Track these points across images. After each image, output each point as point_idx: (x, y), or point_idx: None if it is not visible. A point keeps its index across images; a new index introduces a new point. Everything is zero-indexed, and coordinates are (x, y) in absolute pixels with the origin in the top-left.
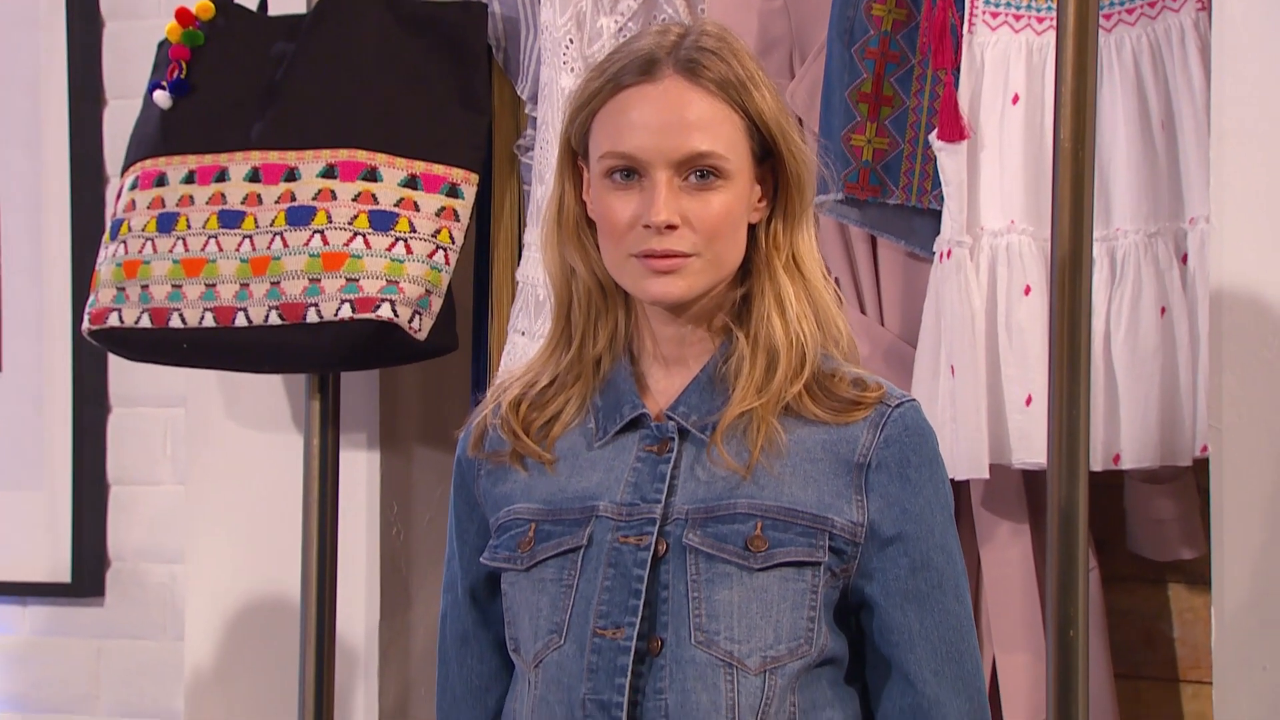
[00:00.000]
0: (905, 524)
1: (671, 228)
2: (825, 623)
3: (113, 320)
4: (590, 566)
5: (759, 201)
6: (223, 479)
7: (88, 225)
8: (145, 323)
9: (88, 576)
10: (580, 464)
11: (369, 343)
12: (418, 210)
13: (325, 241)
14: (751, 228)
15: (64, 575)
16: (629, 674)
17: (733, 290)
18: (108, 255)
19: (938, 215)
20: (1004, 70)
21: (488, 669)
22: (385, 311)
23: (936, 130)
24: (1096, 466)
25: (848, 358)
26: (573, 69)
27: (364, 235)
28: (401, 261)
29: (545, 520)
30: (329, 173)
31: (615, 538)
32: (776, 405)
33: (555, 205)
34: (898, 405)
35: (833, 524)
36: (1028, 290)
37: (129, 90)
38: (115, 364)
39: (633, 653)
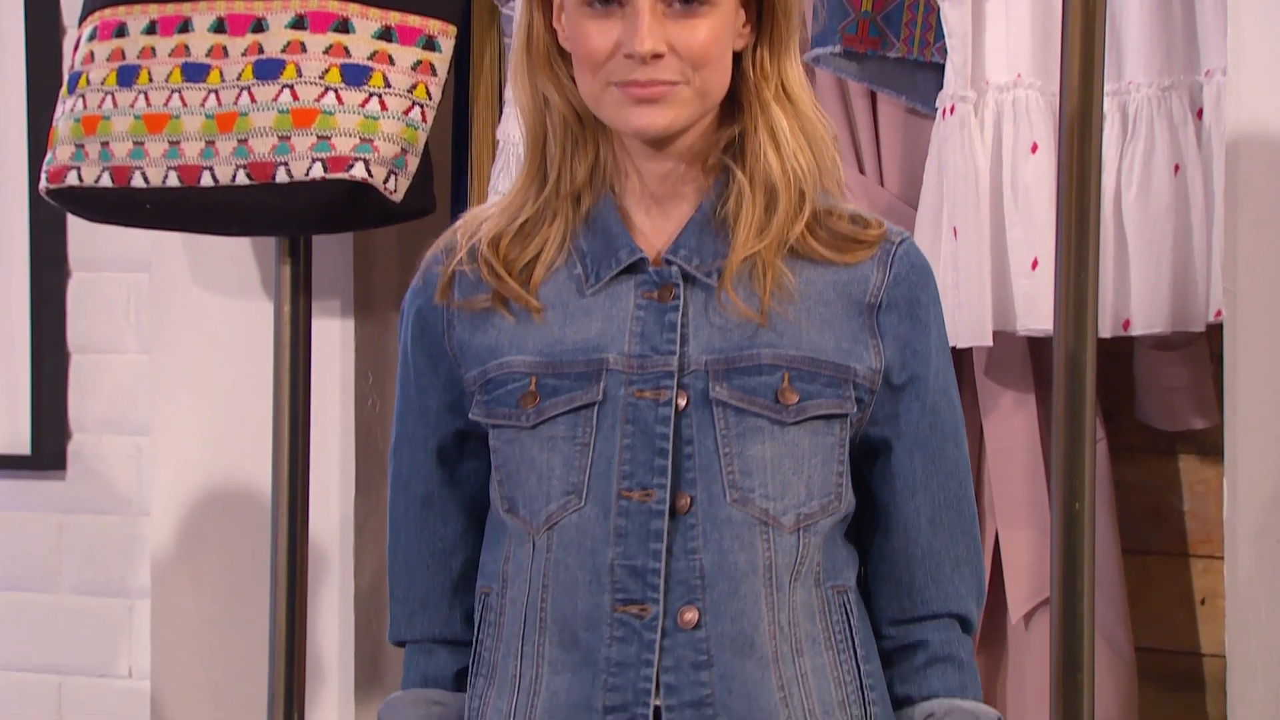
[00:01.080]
0: (916, 366)
1: (658, 57)
2: (848, 476)
3: (71, 179)
4: (606, 424)
5: (743, 27)
6: (189, 348)
7: (44, 78)
8: (106, 181)
9: (48, 449)
10: (572, 312)
11: (342, 204)
12: (392, 64)
13: (295, 97)
14: (737, 58)
15: (23, 447)
16: (664, 538)
17: (722, 129)
18: (65, 110)
19: (940, 69)
20: None
21: (452, 532)
22: (359, 171)
23: None
24: (1105, 333)
25: (840, 194)
26: None
27: (336, 90)
28: (376, 118)
29: (547, 374)
30: (298, 23)
31: (630, 392)
32: (781, 247)
33: (524, 34)
34: (900, 242)
35: (855, 373)
36: (1035, 148)
37: None
38: (75, 226)
39: (666, 516)
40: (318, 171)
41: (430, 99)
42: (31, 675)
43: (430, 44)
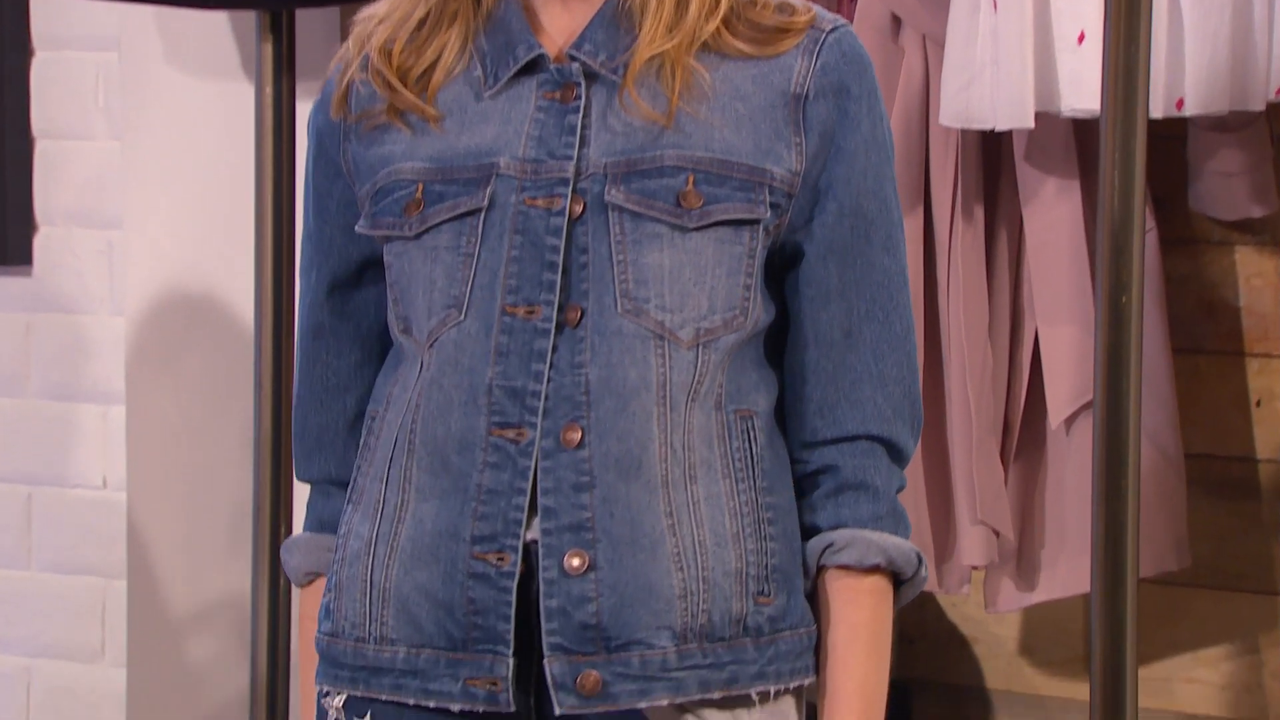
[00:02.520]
0: (838, 165)
1: None
2: (759, 290)
3: None
4: (493, 233)
5: None
6: (164, 134)
7: None
8: None
9: (13, 243)
10: (469, 117)
11: None
12: None
13: None
14: None
15: None
16: (548, 359)
17: None
18: None
19: None
20: None
21: (345, 366)
22: None
23: None
24: (1157, 113)
25: None
26: None
27: None
28: None
29: (435, 180)
30: None
31: (521, 199)
32: (691, 45)
33: None
34: (832, 30)
35: (771, 175)
36: None
37: None
38: (38, 0)
39: (552, 334)
40: None
41: None
42: None
43: None
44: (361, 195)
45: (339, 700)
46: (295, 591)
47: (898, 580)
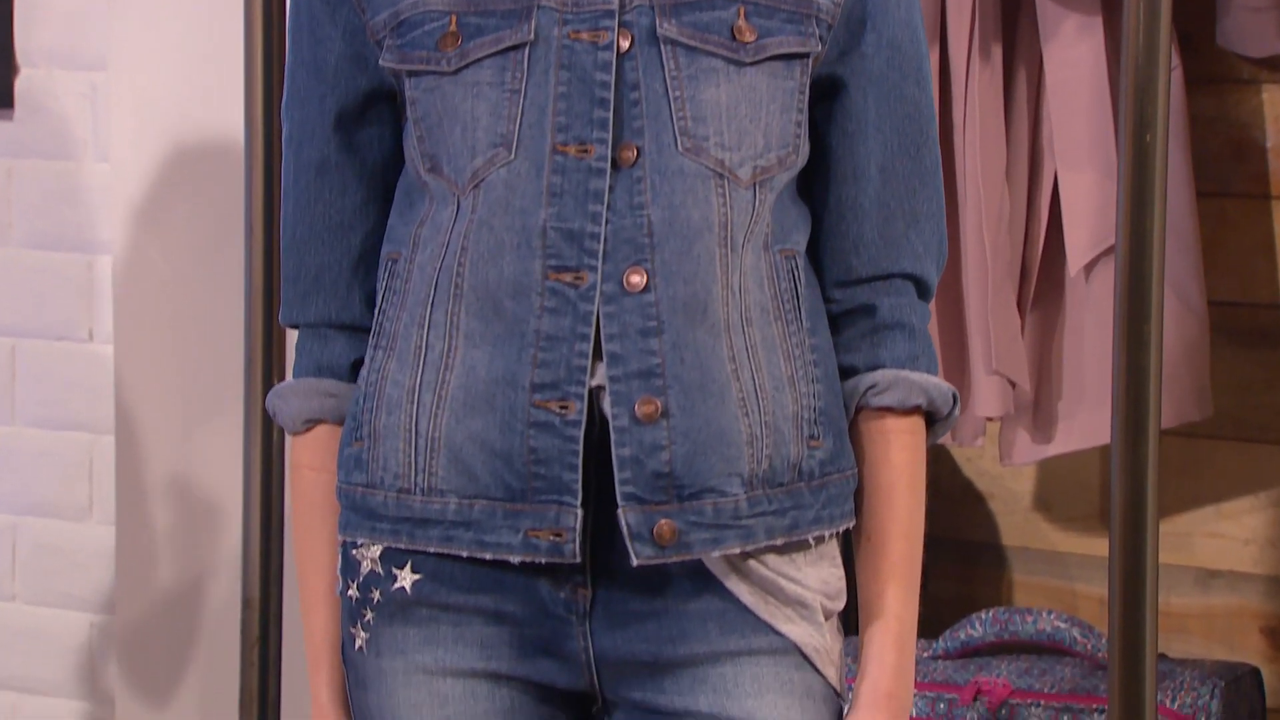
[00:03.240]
0: None
1: None
2: (806, 126)
3: None
4: (539, 68)
5: None
6: None
7: None
8: None
9: None
10: None
11: None
12: None
13: None
14: None
15: None
16: (605, 199)
17: None
18: None
19: None
20: None
21: (350, 204)
22: None
23: None
24: None
25: None
26: None
27: None
28: None
29: (469, 13)
30: None
31: (565, 33)
32: None
33: None
34: None
35: (818, 6)
36: None
37: None
38: None
39: (608, 174)
40: None
41: None
42: None
43: None
44: (376, 24)
45: (375, 551)
46: (288, 441)
47: (930, 418)
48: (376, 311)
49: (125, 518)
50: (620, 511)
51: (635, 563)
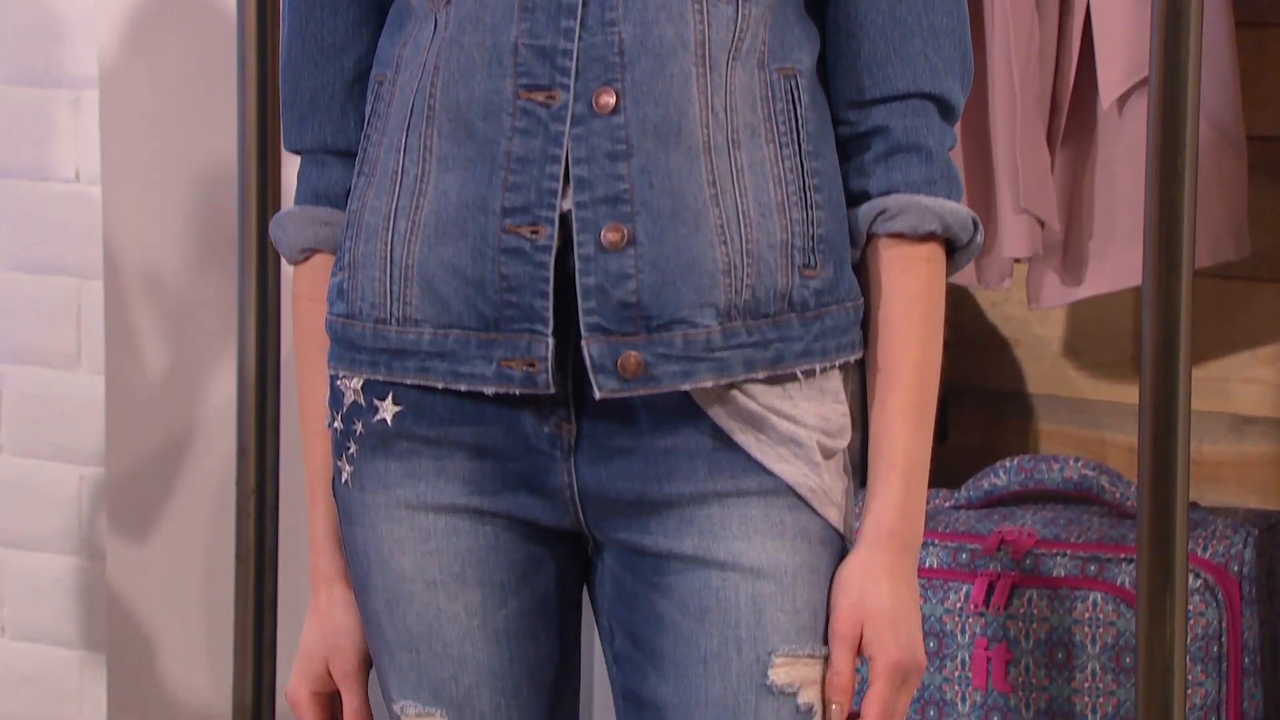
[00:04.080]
0: None
1: None
2: None
3: None
4: None
5: None
6: None
7: None
8: None
9: None
10: None
11: None
12: None
13: None
14: None
15: None
16: (578, 14)
17: None
18: None
19: None
20: None
21: (342, 24)
22: None
23: None
24: None
25: None
26: None
27: None
28: None
29: None
30: None
31: None
32: None
33: None
34: None
35: None
36: None
37: None
38: None
39: None
40: None
41: None
42: None
43: None
44: None
45: (357, 383)
46: (284, 281)
47: (951, 247)
48: (361, 137)
49: (115, 366)
50: (584, 342)
51: (598, 395)
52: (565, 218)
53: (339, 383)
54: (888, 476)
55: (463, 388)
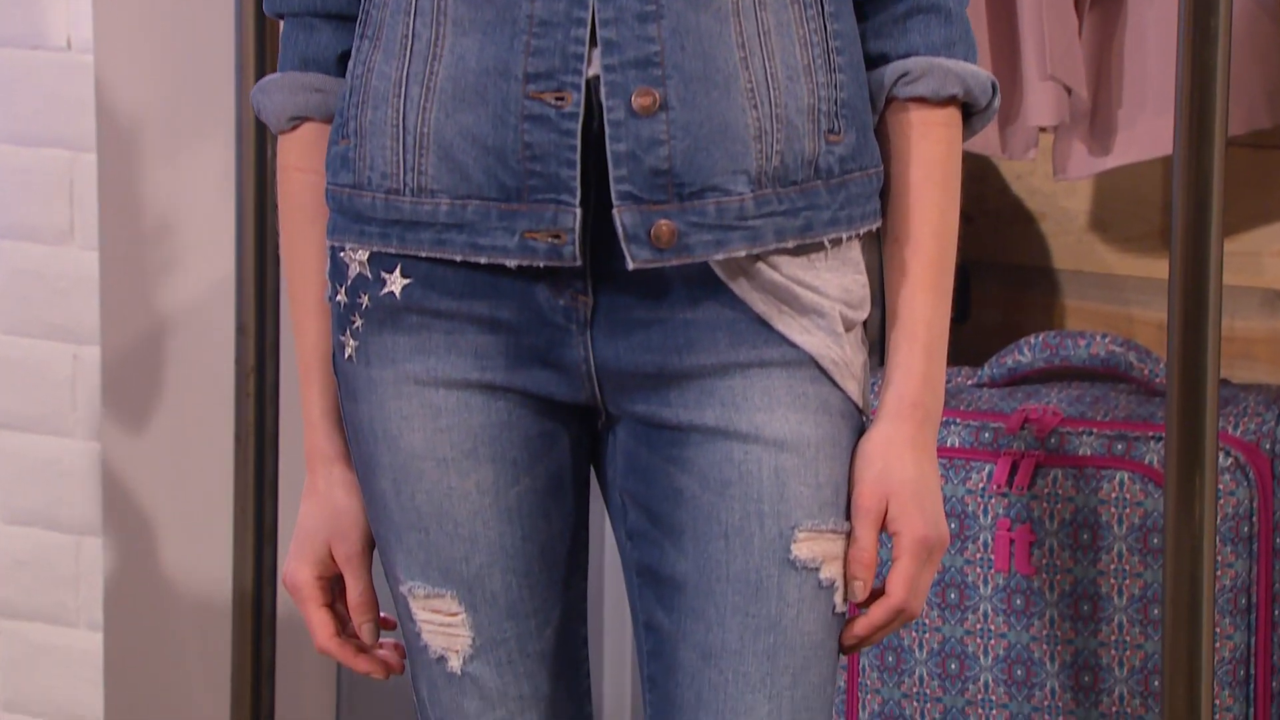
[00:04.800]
0: None
1: None
2: None
3: None
4: None
5: None
6: None
7: None
8: None
9: None
10: None
11: None
12: None
13: None
14: None
15: None
16: None
17: None
18: None
19: None
20: None
21: None
22: None
23: None
24: None
25: None
26: None
27: None
28: None
29: None
30: None
31: None
32: None
33: None
34: None
35: None
36: None
37: None
38: None
39: None
40: None
41: None
42: None
43: None
44: None
45: (363, 255)
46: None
47: (967, 112)
48: None
49: (109, 240)
50: (615, 211)
51: (631, 266)
52: (591, 84)
53: (342, 255)
54: (909, 348)
55: (483, 260)
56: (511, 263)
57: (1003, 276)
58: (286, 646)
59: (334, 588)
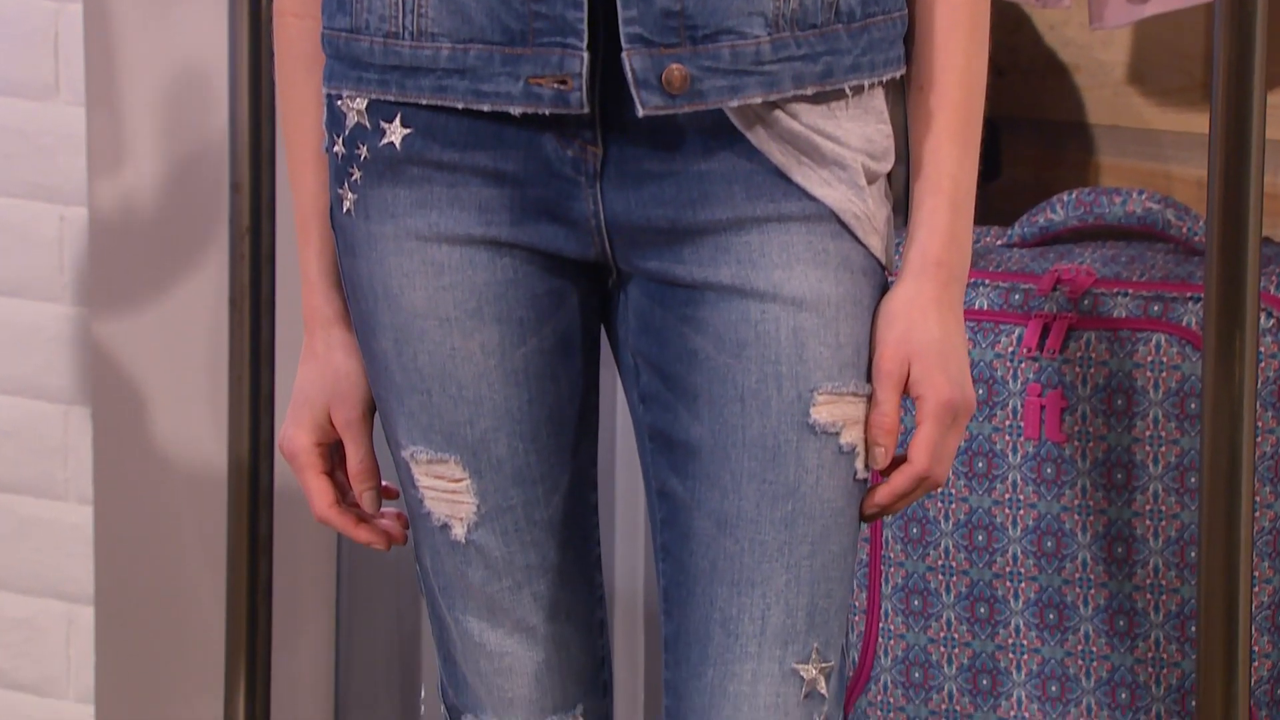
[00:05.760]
0: None
1: None
2: None
3: None
4: None
5: None
6: None
7: None
8: None
9: None
10: None
11: None
12: None
13: None
14: None
15: None
16: None
17: None
18: None
19: None
20: None
21: None
22: None
23: None
24: None
25: None
26: None
27: None
28: None
29: None
30: None
31: None
32: None
33: None
34: None
35: None
36: None
37: None
38: None
39: None
40: None
41: None
42: None
43: None
44: None
45: (361, 103)
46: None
47: None
48: None
49: (96, 95)
50: (625, 55)
51: (641, 113)
52: None
53: (339, 103)
54: (934, 204)
55: (486, 108)
56: (516, 110)
57: (1035, 132)
58: (284, 519)
59: (333, 455)
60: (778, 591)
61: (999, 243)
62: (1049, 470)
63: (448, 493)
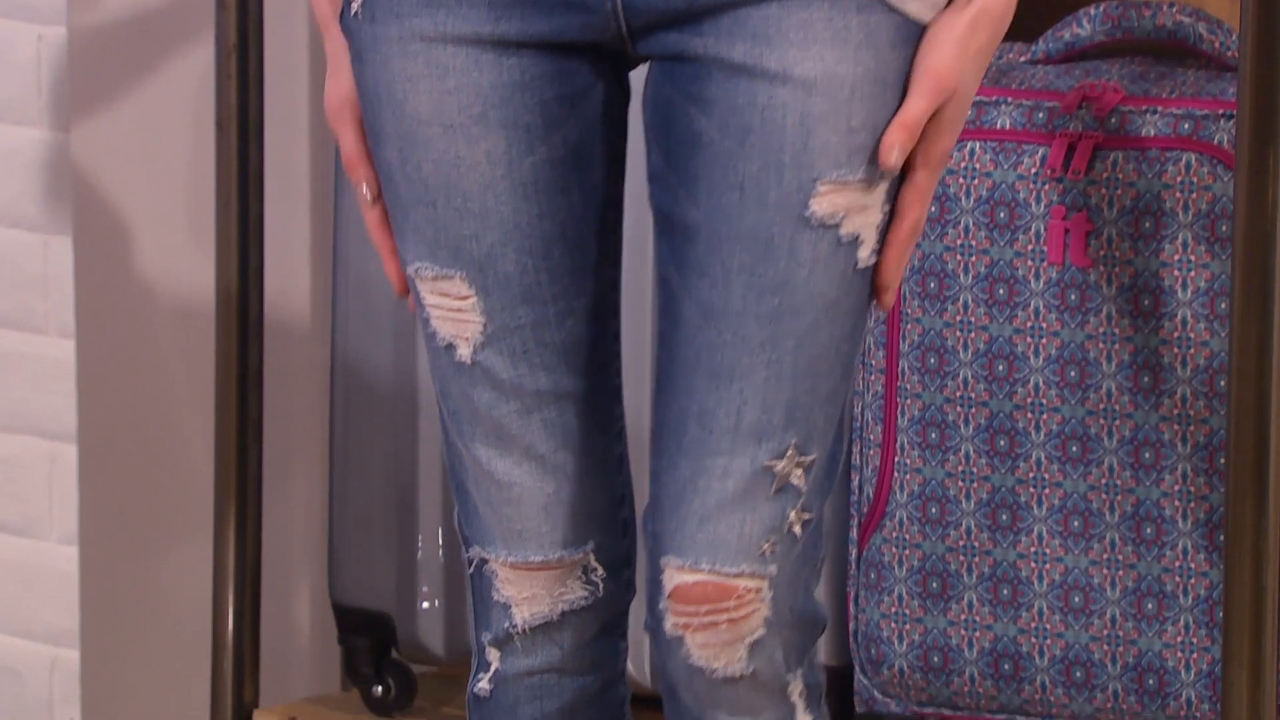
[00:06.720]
0: None
1: None
2: None
3: None
4: None
5: None
6: None
7: None
8: None
9: None
10: None
11: None
12: None
13: None
14: None
15: None
16: None
17: None
18: None
19: None
20: None
21: None
22: None
23: None
24: None
25: None
26: None
27: None
28: None
29: None
30: None
31: None
32: None
33: None
34: None
35: None
36: None
37: None
38: None
39: None
40: None
41: None
42: None
43: None
44: None
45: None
46: None
47: None
48: None
49: (77, 23)
50: None
51: None
52: None
53: None
54: (952, 13)
55: None
56: None
57: None
58: (275, 352)
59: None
60: (755, 387)
61: (1022, 59)
62: (1073, 297)
63: (453, 311)
